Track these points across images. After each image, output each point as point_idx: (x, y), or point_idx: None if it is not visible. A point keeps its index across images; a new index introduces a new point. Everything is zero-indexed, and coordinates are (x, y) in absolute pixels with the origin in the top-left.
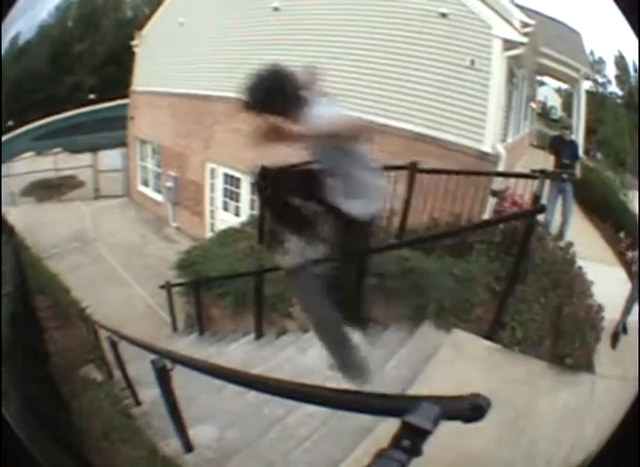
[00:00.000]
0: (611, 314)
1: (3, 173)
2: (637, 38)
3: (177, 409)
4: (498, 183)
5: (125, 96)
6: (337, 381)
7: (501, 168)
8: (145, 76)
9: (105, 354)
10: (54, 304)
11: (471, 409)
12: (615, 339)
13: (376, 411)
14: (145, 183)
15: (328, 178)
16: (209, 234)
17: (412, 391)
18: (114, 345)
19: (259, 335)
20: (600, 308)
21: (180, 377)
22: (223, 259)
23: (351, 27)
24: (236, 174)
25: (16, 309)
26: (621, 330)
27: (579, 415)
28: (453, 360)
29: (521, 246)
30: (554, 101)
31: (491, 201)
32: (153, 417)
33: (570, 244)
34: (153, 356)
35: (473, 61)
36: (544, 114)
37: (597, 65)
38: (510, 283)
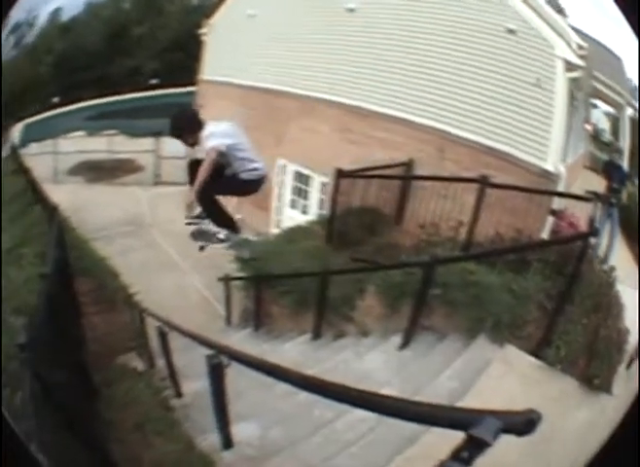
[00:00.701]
0: (633, 337)
1: (48, 150)
2: (637, 38)
3: (225, 404)
4: (557, 203)
5: (192, 84)
6: (393, 388)
7: (560, 188)
8: (214, 65)
9: (149, 343)
10: (99, 287)
11: (525, 423)
12: (631, 361)
13: (439, 422)
14: None
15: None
16: (274, 230)
17: (463, 404)
18: (163, 335)
19: (316, 336)
20: (627, 332)
21: (229, 371)
22: (288, 256)
23: (426, 36)
24: (307, 172)
25: (53, 291)
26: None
27: (592, 433)
28: (503, 375)
29: (575, 267)
30: (604, 124)
31: (550, 220)
32: (193, 411)
33: (613, 268)
34: (201, 349)
35: (538, 80)
36: (596, 136)
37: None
38: (561, 303)
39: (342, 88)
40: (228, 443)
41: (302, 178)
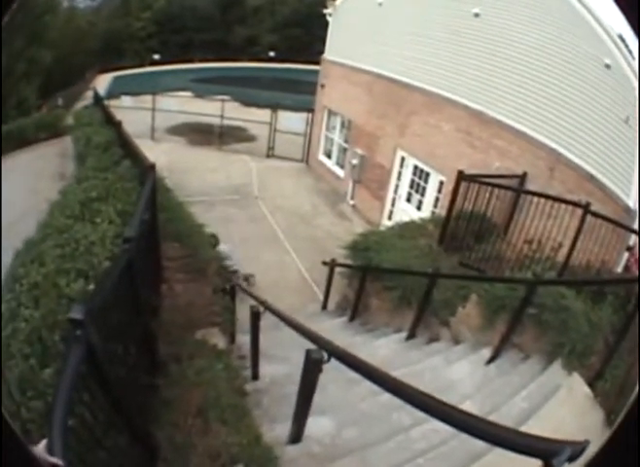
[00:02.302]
0: None
1: (146, 105)
2: (637, 38)
3: (311, 398)
4: (632, 239)
5: (312, 62)
6: (474, 404)
7: (635, 225)
8: (338, 47)
9: (236, 319)
10: (189, 255)
11: (579, 452)
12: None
13: (519, 449)
14: (327, 154)
15: None
16: (385, 221)
17: (526, 427)
18: (255, 315)
19: (411, 335)
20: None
21: (293, 368)
22: (400, 252)
23: (542, 53)
24: (427, 169)
25: (133, 256)
26: None
27: None
28: (564, 402)
29: (635, 305)
30: None
31: (625, 255)
32: (266, 397)
33: None
34: (288, 330)
35: (628, 118)
36: None
37: None
38: (621, 338)
39: (468, 91)
40: (297, 437)
41: (420, 173)
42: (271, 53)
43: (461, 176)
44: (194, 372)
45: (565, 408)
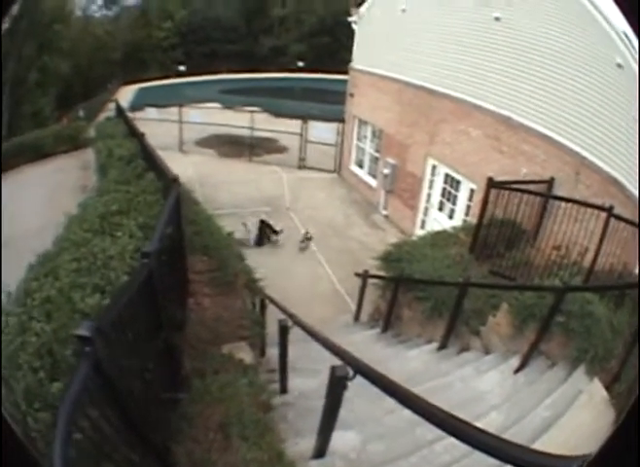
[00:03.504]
0: None
1: (173, 117)
2: (637, 38)
3: (336, 414)
4: None
5: (341, 72)
6: (500, 414)
7: None
8: (365, 55)
9: (265, 333)
10: (217, 268)
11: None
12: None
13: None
14: (359, 164)
15: None
16: (418, 230)
17: (547, 436)
18: (284, 329)
19: (442, 346)
20: None
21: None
22: (431, 262)
23: (561, 55)
24: (458, 177)
25: (153, 270)
26: None
27: None
28: (584, 406)
29: None
30: None
31: None
32: (292, 411)
33: None
34: (318, 346)
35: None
36: None
37: None
38: (636, 340)
39: (493, 96)
40: (321, 451)
41: (452, 182)
42: (299, 63)
43: (491, 183)
44: (217, 387)
45: (585, 412)
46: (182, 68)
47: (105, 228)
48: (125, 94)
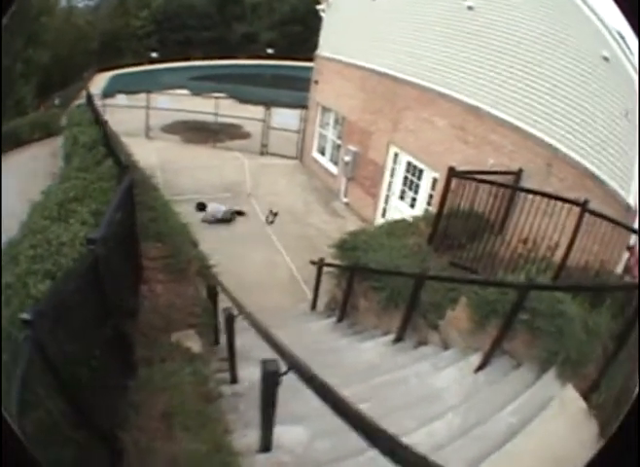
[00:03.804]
0: None
1: (140, 104)
2: (637, 38)
3: (272, 410)
4: (633, 239)
5: (310, 59)
6: (457, 415)
7: (635, 224)
8: (332, 43)
9: (217, 321)
10: (172, 255)
11: None
12: None
13: None
14: (321, 151)
15: None
16: (379, 218)
17: (512, 445)
18: (230, 318)
19: (398, 338)
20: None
21: None
22: (388, 251)
23: (535, 46)
24: (421, 165)
25: (100, 257)
26: None
27: None
28: (555, 416)
29: (637, 311)
30: None
31: (625, 255)
32: (242, 401)
33: None
34: (276, 331)
35: (627, 112)
36: None
37: None
38: (620, 346)
39: (461, 85)
40: (267, 446)
41: (414, 170)
42: (269, 51)
43: (452, 172)
44: (161, 376)
45: (557, 422)
46: (154, 55)
47: (62, 215)
48: (100, 82)
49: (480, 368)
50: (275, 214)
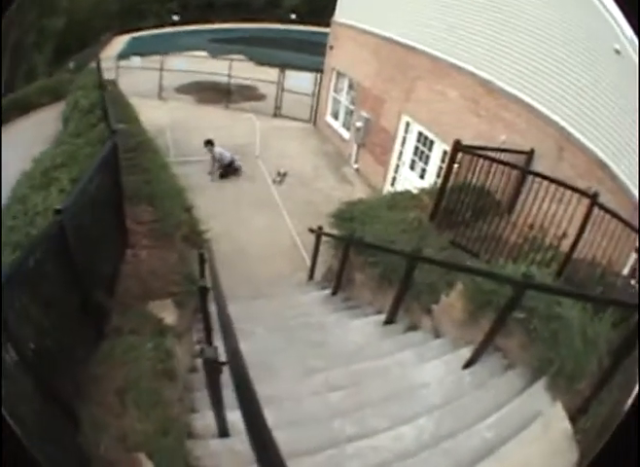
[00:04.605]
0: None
1: (155, 65)
2: (637, 38)
3: (219, 398)
4: None
5: (328, 24)
6: (429, 421)
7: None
8: (348, 9)
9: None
10: (160, 218)
11: None
12: None
13: None
14: (334, 116)
15: None
16: (388, 187)
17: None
18: (204, 291)
19: (390, 320)
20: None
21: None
22: (385, 224)
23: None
24: (431, 136)
25: (67, 227)
26: None
27: None
28: (535, 440)
29: (636, 331)
30: None
31: (633, 257)
32: None
33: None
34: (261, 302)
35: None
36: None
37: None
38: (617, 364)
39: (476, 58)
40: (224, 431)
41: (425, 141)
42: (292, 16)
43: (458, 146)
44: (122, 349)
45: (536, 447)
46: (176, 18)
47: (44, 183)
48: (117, 45)
49: (469, 364)
50: (284, 175)
